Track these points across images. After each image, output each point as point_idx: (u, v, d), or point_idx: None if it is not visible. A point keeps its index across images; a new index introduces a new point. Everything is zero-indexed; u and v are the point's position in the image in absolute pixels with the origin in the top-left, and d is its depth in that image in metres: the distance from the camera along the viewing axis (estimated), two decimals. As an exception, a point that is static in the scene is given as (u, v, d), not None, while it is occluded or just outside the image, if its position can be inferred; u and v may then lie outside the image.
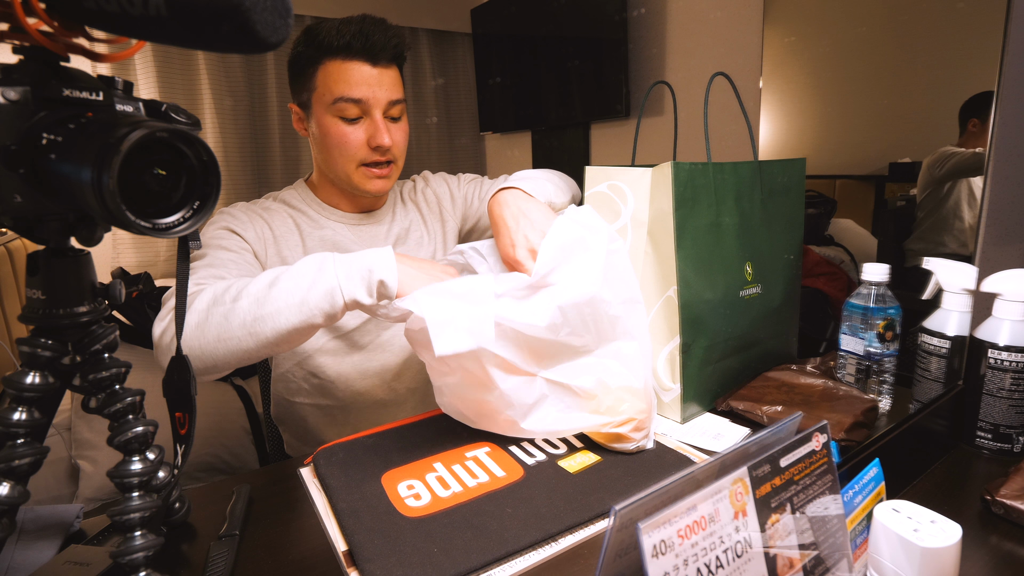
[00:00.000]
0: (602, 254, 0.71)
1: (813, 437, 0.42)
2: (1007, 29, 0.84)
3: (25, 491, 0.45)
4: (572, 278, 0.69)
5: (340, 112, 0.85)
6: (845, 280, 1.31)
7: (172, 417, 0.54)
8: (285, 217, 0.92)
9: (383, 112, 0.87)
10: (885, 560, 0.43)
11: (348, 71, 0.84)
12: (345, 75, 0.84)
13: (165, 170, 0.40)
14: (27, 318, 0.45)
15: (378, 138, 0.86)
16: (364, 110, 0.86)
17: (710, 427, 0.77)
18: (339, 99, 0.84)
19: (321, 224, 0.94)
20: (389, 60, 0.87)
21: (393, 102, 0.87)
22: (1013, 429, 0.69)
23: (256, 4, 0.33)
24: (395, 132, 0.89)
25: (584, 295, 0.68)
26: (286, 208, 0.94)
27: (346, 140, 0.86)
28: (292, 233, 0.91)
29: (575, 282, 0.68)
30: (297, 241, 0.91)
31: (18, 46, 0.40)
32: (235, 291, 0.65)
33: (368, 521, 0.58)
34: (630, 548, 0.34)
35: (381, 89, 0.86)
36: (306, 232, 0.92)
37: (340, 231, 0.94)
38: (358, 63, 0.84)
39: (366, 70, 0.84)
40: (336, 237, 0.94)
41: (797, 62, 1.42)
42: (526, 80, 2.49)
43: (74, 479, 1.35)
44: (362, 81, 0.84)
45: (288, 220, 0.92)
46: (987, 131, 0.89)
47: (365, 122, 0.87)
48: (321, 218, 0.94)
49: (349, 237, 0.95)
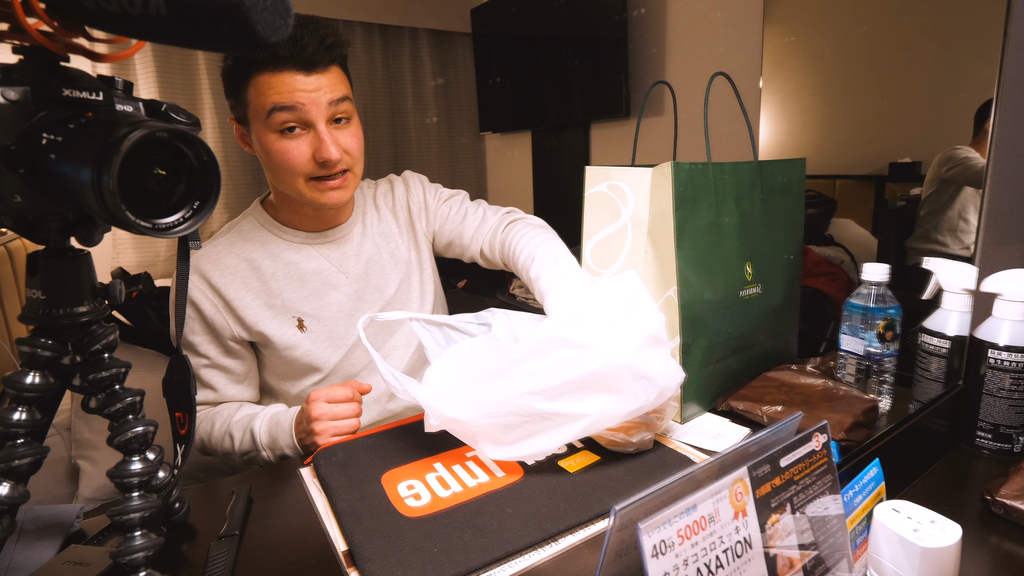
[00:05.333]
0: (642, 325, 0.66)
1: (813, 437, 0.42)
2: (1007, 29, 0.84)
3: (25, 491, 0.45)
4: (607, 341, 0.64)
5: (278, 125, 0.78)
6: (845, 280, 1.31)
7: (172, 417, 0.54)
8: (238, 264, 0.86)
9: (326, 120, 0.79)
10: (885, 560, 0.43)
11: (279, 83, 0.76)
12: (276, 86, 0.76)
13: (165, 170, 0.40)
14: (27, 318, 0.45)
15: (323, 152, 0.79)
16: (304, 121, 0.78)
17: (710, 427, 0.77)
18: (272, 109, 0.77)
19: (281, 258, 0.88)
20: (326, 64, 0.78)
21: (335, 101, 0.79)
22: (1013, 429, 0.69)
23: (256, 4, 0.33)
24: (344, 138, 0.81)
25: (618, 361, 0.63)
26: (243, 247, 0.87)
27: (289, 155, 0.79)
28: (249, 282, 0.86)
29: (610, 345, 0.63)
30: (258, 290, 0.86)
31: (18, 46, 0.40)
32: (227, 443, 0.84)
33: (368, 521, 0.58)
34: (630, 548, 0.34)
35: (319, 94, 0.77)
36: (267, 273, 0.87)
37: (303, 258, 0.89)
38: (289, 73, 0.76)
39: (299, 79, 0.76)
40: (301, 267, 0.88)
41: (797, 62, 1.42)
42: (526, 80, 2.49)
43: (74, 479, 1.35)
44: (295, 89, 0.77)
45: (242, 267, 0.86)
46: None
47: (309, 135, 0.79)
48: (282, 248, 0.88)
49: (317, 263, 0.90)
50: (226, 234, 0.90)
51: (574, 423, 0.63)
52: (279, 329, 0.87)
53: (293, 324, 0.87)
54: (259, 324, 0.86)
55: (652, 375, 0.64)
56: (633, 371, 0.63)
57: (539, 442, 0.64)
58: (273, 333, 0.86)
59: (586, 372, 0.62)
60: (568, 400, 0.63)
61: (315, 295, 0.89)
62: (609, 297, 0.67)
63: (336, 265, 0.92)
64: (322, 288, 0.90)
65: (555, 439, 0.63)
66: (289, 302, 0.87)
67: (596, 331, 0.64)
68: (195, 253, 0.85)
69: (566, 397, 0.63)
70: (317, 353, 0.89)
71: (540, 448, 0.64)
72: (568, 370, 0.62)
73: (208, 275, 0.84)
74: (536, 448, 0.64)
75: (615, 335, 0.64)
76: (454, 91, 2.96)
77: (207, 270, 0.85)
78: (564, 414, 0.63)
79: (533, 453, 0.64)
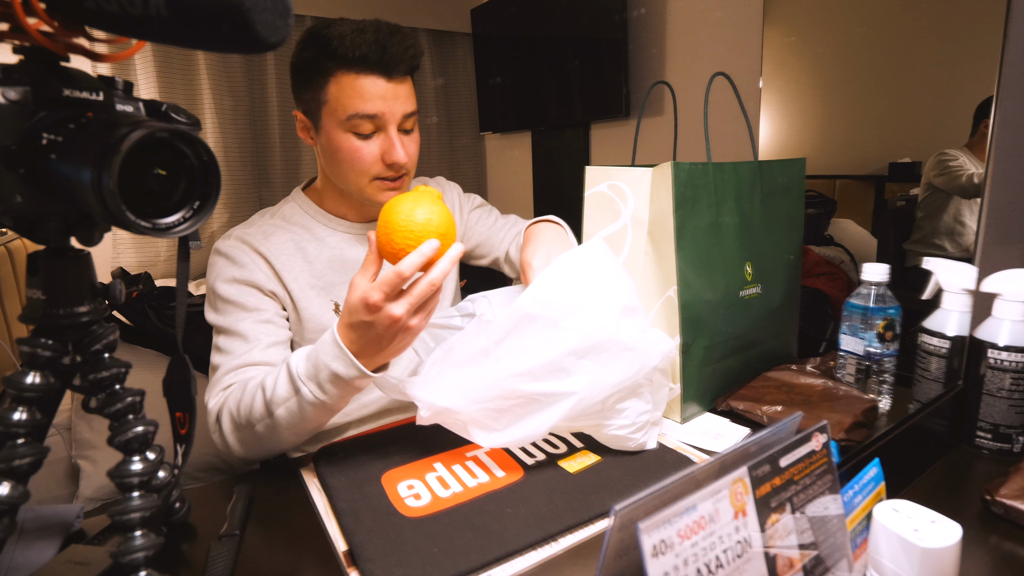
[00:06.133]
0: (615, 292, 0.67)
1: (813, 437, 0.42)
2: (1007, 29, 0.84)
3: (25, 491, 0.45)
4: (586, 319, 0.65)
5: (354, 128, 0.81)
6: (845, 280, 1.31)
7: (172, 417, 0.54)
8: (285, 241, 0.87)
9: (398, 126, 0.83)
10: (885, 560, 0.43)
11: (363, 86, 0.79)
12: (360, 90, 0.79)
13: (165, 170, 0.40)
14: (27, 318, 0.45)
15: (393, 155, 0.82)
16: (378, 125, 0.82)
17: (710, 427, 0.77)
18: (354, 115, 0.79)
19: (327, 243, 0.90)
20: (405, 72, 0.82)
21: (409, 115, 0.83)
22: (1013, 429, 0.69)
23: (256, 4, 0.33)
24: (409, 145, 0.85)
25: (599, 336, 0.64)
26: (287, 228, 0.89)
27: (359, 156, 0.82)
28: (294, 259, 0.87)
29: (589, 323, 0.64)
30: (302, 268, 0.87)
31: (18, 46, 0.40)
32: (256, 415, 0.70)
33: (368, 521, 0.58)
34: (630, 548, 0.34)
35: (397, 103, 0.81)
36: (312, 255, 0.88)
37: (348, 246, 0.91)
38: (373, 77, 0.79)
39: (381, 84, 0.79)
40: (345, 255, 0.90)
41: (797, 62, 1.42)
42: (526, 80, 2.49)
43: (74, 479, 1.35)
44: (378, 96, 0.79)
45: (288, 245, 0.87)
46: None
47: (379, 137, 0.82)
48: (327, 233, 0.91)
49: (358, 250, 0.92)
50: (269, 218, 0.91)
51: (562, 401, 0.63)
52: (318, 311, 0.87)
53: (330, 308, 0.88)
54: (302, 300, 0.86)
55: (636, 346, 0.65)
56: (616, 343, 0.64)
57: (530, 424, 0.64)
58: (313, 313, 0.86)
59: (569, 349, 0.63)
60: (554, 379, 0.63)
61: None
62: (579, 269, 0.68)
63: None
64: None
65: (545, 420, 0.63)
66: (330, 286, 0.88)
67: (573, 306, 0.65)
68: (242, 230, 0.87)
69: (552, 376, 0.63)
70: None
71: (532, 431, 0.63)
72: (551, 349, 0.63)
73: (259, 248, 0.85)
74: (528, 431, 0.64)
75: (592, 309, 0.65)
76: (454, 91, 2.96)
77: (258, 244, 0.85)
78: (552, 393, 0.63)
79: (526, 436, 0.64)
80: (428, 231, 0.60)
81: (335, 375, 0.63)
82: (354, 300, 0.60)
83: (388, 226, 0.61)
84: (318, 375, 0.64)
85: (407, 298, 0.60)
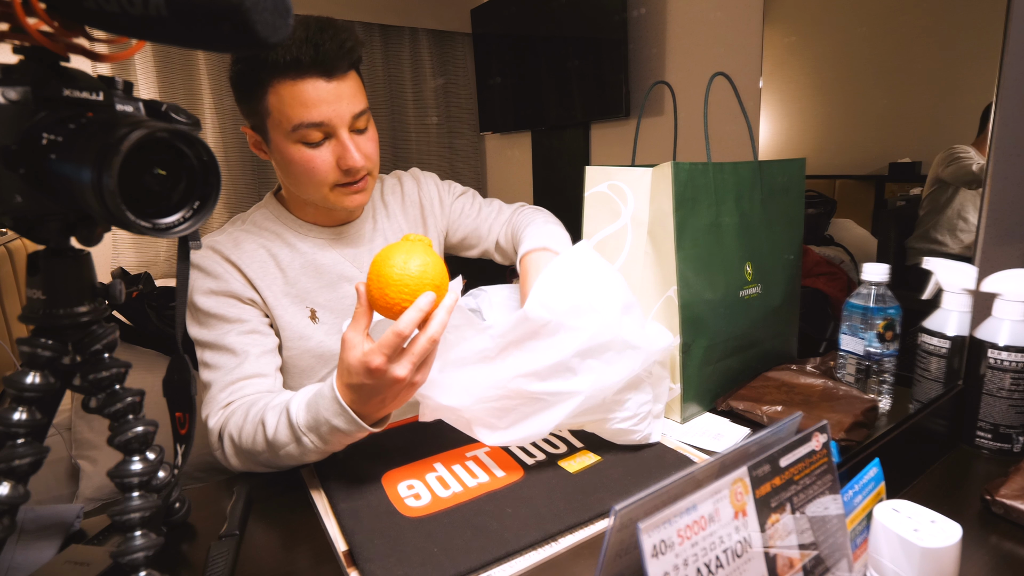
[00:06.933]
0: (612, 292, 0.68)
1: (813, 437, 0.42)
2: (1007, 29, 0.84)
3: (25, 491, 0.45)
4: (586, 320, 0.65)
5: (302, 138, 0.77)
6: (845, 280, 1.31)
7: (172, 417, 0.54)
8: (256, 248, 0.84)
9: (348, 128, 0.79)
10: (885, 560, 0.43)
11: (303, 92, 0.74)
12: (300, 97, 0.74)
13: (165, 170, 0.40)
14: (27, 318, 0.45)
15: (348, 160, 0.78)
16: (327, 131, 0.78)
17: (710, 427, 0.77)
18: (299, 126, 0.75)
19: (298, 249, 0.88)
20: (346, 69, 0.77)
21: (357, 115, 0.79)
22: (1013, 429, 0.69)
23: (256, 4, 0.33)
24: (364, 145, 0.81)
25: (604, 336, 0.65)
26: (257, 234, 0.86)
27: (313, 166, 0.79)
28: (266, 267, 0.84)
29: (590, 324, 0.65)
30: (275, 275, 0.85)
31: (18, 46, 0.40)
32: (259, 444, 0.68)
33: (368, 521, 0.58)
34: (630, 548, 0.34)
35: (342, 105, 0.76)
36: (284, 262, 0.86)
37: (319, 251, 0.89)
38: (312, 80, 0.74)
39: (322, 87, 0.75)
40: (317, 260, 0.88)
41: (797, 62, 1.42)
42: (526, 80, 2.49)
43: (74, 479, 1.35)
44: (320, 101, 0.75)
45: (260, 252, 0.85)
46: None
47: (331, 143, 0.79)
48: (297, 239, 0.88)
49: (331, 255, 0.90)
50: (240, 224, 0.89)
51: (568, 401, 0.63)
52: (293, 319, 0.86)
53: (306, 315, 0.87)
54: (277, 308, 0.85)
55: (637, 342, 0.66)
56: (620, 341, 0.65)
57: (535, 423, 0.64)
58: (288, 322, 0.85)
59: (576, 350, 0.63)
60: (560, 379, 0.63)
61: (329, 287, 0.89)
62: (574, 272, 0.68)
63: (350, 260, 0.92)
64: (337, 280, 0.90)
65: (550, 419, 0.63)
66: (304, 292, 0.87)
67: (578, 308, 0.65)
68: (211, 238, 0.84)
69: (558, 376, 0.63)
70: (328, 345, 0.88)
71: (536, 430, 0.64)
72: (558, 350, 0.63)
73: (230, 256, 0.83)
74: (532, 430, 0.64)
75: (596, 309, 0.65)
76: (454, 91, 2.96)
77: (229, 252, 0.83)
78: (557, 392, 0.63)
79: (530, 434, 0.64)
80: (424, 284, 0.58)
81: (336, 429, 0.62)
82: (353, 362, 0.58)
83: (381, 279, 0.58)
84: (319, 428, 0.63)
85: (408, 357, 0.58)
